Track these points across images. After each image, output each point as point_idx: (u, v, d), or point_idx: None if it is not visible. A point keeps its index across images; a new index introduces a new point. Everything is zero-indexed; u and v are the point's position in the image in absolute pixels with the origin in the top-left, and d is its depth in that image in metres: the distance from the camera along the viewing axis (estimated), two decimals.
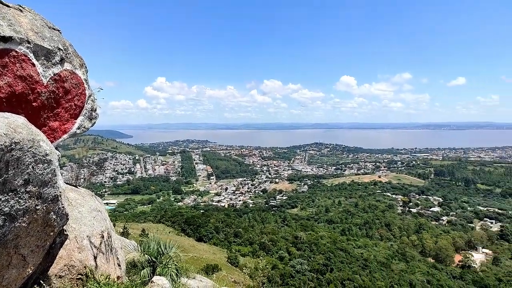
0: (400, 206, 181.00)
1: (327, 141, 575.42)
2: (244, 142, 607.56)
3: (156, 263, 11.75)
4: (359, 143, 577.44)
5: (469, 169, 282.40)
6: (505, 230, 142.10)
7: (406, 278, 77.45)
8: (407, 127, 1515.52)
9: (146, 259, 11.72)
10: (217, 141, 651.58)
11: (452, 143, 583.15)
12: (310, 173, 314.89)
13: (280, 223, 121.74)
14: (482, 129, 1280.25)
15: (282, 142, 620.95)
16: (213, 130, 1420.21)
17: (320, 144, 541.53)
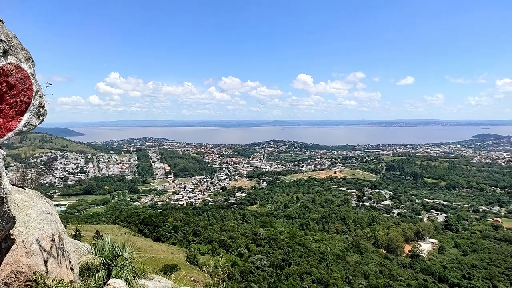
0: (354, 200, 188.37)
1: (285, 138, 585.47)
2: (203, 140, 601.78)
3: (111, 266, 11.35)
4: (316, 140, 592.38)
5: (417, 163, 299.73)
6: (449, 221, 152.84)
7: (361, 269, 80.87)
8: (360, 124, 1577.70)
9: (101, 262, 11.30)
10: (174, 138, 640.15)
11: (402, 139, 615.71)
12: (269, 170, 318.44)
13: (239, 220, 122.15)
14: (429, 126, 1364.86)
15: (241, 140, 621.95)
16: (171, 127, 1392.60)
17: (279, 141, 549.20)
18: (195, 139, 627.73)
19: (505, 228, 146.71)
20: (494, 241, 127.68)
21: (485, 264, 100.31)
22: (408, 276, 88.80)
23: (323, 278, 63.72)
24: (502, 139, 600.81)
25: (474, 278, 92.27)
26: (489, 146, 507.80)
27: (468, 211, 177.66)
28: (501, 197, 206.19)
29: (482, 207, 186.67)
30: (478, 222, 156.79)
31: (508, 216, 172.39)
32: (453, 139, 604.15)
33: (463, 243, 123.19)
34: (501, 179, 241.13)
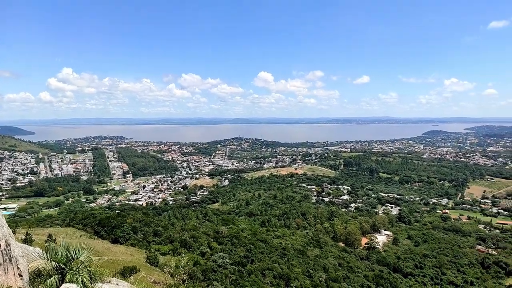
0: (314, 196, 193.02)
1: (247, 135, 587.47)
2: (163, 138, 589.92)
3: (65, 270, 10.86)
4: (277, 138, 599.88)
5: (373, 159, 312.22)
6: (403, 213, 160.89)
7: (320, 263, 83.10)
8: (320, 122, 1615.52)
9: (54, 267, 10.78)
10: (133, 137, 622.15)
11: (359, 136, 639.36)
12: (231, 168, 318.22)
13: (201, 219, 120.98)
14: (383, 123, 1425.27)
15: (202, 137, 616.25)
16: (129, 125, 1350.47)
17: (240, 139, 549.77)
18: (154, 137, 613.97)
19: (452, 219, 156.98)
20: (443, 232, 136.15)
21: (435, 254, 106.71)
22: (365, 267, 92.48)
23: (285, 273, 64.78)
24: (450, 135, 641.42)
25: (425, 267, 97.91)
26: (438, 142, 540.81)
27: (420, 204, 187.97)
28: (449, 190, 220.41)
29: (432, 199, 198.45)
30: (428, 214, 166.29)
31: (455, 208, 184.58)
32: (406, 136, 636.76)
33: (415, 234, 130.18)
34: (449, 173, 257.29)
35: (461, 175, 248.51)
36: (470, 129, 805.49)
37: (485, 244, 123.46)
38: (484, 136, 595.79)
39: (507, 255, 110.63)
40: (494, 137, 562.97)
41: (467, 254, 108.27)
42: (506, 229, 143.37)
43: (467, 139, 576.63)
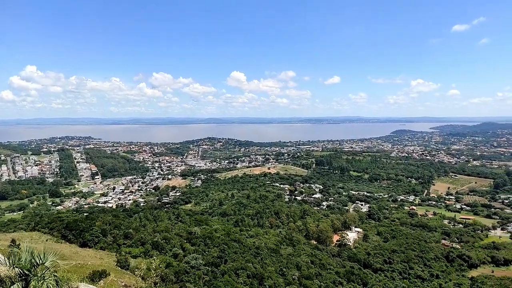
0: (287, 195, 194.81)
1: (220, 135, 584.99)
2: (133, 138, 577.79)
3: (29, 276, 10.43)
4: (250, 137, 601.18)
5: (344, 158, 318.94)
6: (372, 210, 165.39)
7: (293, 261, 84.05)
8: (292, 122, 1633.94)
9: (17, 273, 10.32)
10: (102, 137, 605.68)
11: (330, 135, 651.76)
12: (203, 168, 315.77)
13: (174, 220, 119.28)
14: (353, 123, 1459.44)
15: (174, 137, 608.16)
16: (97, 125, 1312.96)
17: (213, 139, 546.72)
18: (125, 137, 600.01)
19: (419, 215, 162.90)
20: (410, 227, 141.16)
21: (403, 249, 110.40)
22: (336, 264, 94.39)
23: (258, 272, 65.05)
24: (416, 134, 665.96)
25: (394, 262, 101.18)
26: (405, 141, 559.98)
27: (388, 201, 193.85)
28: (415, 187, 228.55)
29: (400, 196, 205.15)
30: (396, 211, 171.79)
31: (421, 204, 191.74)
32: (375, 135, 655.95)
33: (384, 231, 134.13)
34: (415, 171, 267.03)
35: (427, 173, 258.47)
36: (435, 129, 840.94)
37: (449, 239, 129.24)
38: (448, 135, 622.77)
39: (470, 249, 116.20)
40: (457, 136, 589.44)
41: (433, 249, 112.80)
42: (469, 224, 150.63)
43: (432, 138, 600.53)
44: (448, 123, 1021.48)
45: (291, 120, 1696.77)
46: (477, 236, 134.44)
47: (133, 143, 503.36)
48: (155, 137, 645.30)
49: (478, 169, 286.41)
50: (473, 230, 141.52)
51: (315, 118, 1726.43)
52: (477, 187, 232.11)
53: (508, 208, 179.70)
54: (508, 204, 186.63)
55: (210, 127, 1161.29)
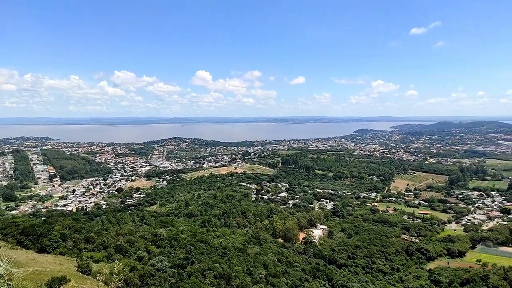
0: (254, 194, 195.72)
1: (185, 135, 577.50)
2: (95, 139, 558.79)
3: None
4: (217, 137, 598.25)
5: (309, 157, 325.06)
6: (336, 208, 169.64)
7: (260, 260, 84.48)
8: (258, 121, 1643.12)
9: None
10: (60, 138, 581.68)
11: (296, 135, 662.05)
12: (169, 168, 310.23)
13: (138, 222, 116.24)
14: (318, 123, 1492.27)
15: (138, 137, 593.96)
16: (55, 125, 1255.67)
17: (179, 139, 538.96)
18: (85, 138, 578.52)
19: (380, 211, 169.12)
20: (372, 223, 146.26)
21: (366, 244, 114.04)
22: (302, 261, 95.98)
23: (226, 273, 64.79)
24: (377, 133, 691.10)
25: (357, 257, 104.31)
26: (367, 140, 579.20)
27: (352, 198, 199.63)
28: (377, 184, 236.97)
29: (363, 194, 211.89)
30: (359, 207, 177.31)
31: (383, 201, 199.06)
32: (338, 134, 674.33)
33: (348, 227, 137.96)
34: (377, 169, 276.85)
35: (387, 170, 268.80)
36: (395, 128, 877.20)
37: (409, 233, 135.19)
38: (407, 134, 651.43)
39: (428, 242, 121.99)
40: (415, 135, 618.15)
41: (394, 243, 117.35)
42: (426, 218, 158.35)
43: (392, 137, 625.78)
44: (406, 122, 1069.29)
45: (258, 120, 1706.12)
46: (434, 230, 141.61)
47: (94, 143, 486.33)
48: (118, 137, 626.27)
49: (434, 166, 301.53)
50: (430, 225, 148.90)
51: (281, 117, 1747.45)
52: (434, 183, 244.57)
53: (462, 202, 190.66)
54: (462, 199, 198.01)
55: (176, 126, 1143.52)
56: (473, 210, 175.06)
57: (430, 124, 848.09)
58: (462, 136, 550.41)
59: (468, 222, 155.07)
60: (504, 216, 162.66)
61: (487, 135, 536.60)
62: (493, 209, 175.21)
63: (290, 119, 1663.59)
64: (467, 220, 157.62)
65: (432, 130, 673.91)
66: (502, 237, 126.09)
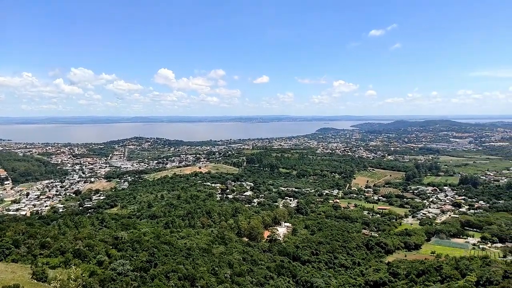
0: (219, 194, 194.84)
1: (147, 135, 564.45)
2: (50, 139, 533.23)
3: None
4: (180, 136, 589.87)
5: (273, 156, 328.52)
6: (300, 205, 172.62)
7: (226, 259, 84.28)
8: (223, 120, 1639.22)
9: None
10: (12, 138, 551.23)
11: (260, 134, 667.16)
12: (130, 169, 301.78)
13: (97, 225, 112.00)
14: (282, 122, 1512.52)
15: (97, 137, 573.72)
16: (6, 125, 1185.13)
17: (141, 138, 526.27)
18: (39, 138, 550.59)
19: (342, 208, 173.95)
20: (334, 219, 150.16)
21: (329, 240, 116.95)
22: (267, 259, 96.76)
23: (190, 274, 64.03)
24: (339, 132, 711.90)
25: (321, 253, 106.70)
26: (329, 138, 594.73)
27: (315, 195, 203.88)
28: (339, 181, 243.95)
29: (325, 191, 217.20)
30: (322, 204, 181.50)
31: (344, 197, 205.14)
32: (302, 133, 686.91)
33: (311, 224, 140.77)
34: (338, 166, 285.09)
35: (348, 168, 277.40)
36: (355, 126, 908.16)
37: (369, 228, 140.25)
38: (366, 132, 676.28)
39: (386, 236, 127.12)
40: (374, 133, 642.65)
41: (355, 238, 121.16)
42: (385, 214, 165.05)
43: (353, 135, 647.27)
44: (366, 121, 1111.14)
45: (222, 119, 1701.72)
46: (392, 224, 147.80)
47: (50, 144, 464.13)
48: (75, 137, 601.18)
49: (392, 163, 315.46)
50: (388, 219, 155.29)
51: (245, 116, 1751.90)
52: (392, 180, 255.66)
53: (417, 197, 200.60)
54: (418, 194, 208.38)
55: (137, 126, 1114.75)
56: (427, 205, 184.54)
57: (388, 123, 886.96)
58: (417, 134, 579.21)
59: (423, 216, 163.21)
60: (456, 210, 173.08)
61: (440, 133, 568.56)
62: (446, 203, 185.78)
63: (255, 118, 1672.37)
64: (423, 214, 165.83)
65: (390, 129, 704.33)
66: (454, 229, 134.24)
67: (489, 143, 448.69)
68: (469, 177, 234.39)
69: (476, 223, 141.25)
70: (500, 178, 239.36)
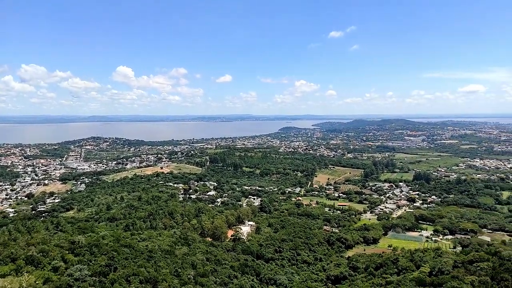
0: (181, 194, 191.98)
1: (106, 134, 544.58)
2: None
3: None
4: (141, 136, 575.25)
5: (237, 155, 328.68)
6: (264, 204, 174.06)
7: (189, 260, 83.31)
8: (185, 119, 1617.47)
9: None
10: None
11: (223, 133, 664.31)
12: (87, 170, 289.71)
13: (52, 230, 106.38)
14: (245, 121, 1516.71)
15: (51, 138, 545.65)
16: None
17: (98, 138, 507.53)
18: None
19: (304, 205, 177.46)
20: (297, 217, 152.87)
21: (291, 237, 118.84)
22: (231, 258, 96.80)
23: (152, 276, 62.71)
24: (301, 131, 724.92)
25: (284, 250, 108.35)
26: (292, 137, 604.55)
27: (278, 194, 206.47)
28: (301, 179, 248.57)
29: (288, 189, 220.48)
30: (285, 202, 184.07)
31: (306, 195, 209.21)
32: (265, 132, 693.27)
33: (275, 222, 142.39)
34: (301, 164, 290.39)
35: (310, 166, 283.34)
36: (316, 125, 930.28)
37: (330, 224, 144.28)
38: (327, 131, 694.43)
39: (346, 232, 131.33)
40: (335, 132, 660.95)
41: (317, 235, 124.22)
42: (345, 210, 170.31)
43: (314, 134, 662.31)
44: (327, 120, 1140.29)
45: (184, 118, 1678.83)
46: (352, 220, 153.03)
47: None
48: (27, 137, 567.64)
49: (351, 161, 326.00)
50: (348, 215, 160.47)
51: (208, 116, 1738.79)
52: (351, 177, 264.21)
53: (375, 193, 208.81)
54: (375, 190, 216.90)
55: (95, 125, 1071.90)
56: (384, 200, 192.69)
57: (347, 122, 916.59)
58: (374, 133, 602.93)
59: (380, 211, 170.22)
60: (410, 204, 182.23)
61: (395, 132, 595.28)
62: (402, 199, 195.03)
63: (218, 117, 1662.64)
64: (380, 210, 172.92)
65: (349, 128, 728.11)
66: (409, 223, 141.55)
67: (440, 141, 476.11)
68: (422, 173, 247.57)
69: (429, 217, 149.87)
70: (450, 174, 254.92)
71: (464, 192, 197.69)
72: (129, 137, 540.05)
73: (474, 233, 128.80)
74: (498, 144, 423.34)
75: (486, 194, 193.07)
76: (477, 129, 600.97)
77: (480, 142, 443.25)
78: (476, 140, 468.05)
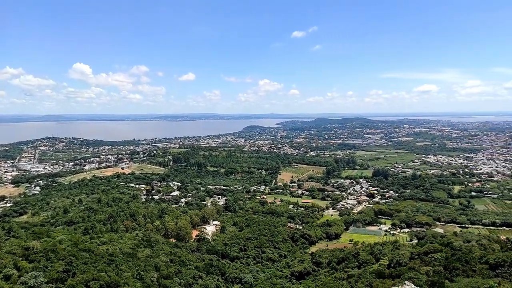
0: (144, 195, 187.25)
1: (62, 134, 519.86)
2: None
3: None
4: (100, 136, 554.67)
5: (201, 154, 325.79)
6: (228, 203, 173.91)
7: (152, 263, 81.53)
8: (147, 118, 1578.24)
9: None
10: None
11: (187, 132, 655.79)
12: (42, 172, 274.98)
13: (4, 236, 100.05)
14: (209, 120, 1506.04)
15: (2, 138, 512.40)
16: None
17: (54, 139, 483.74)
18: None
19: (269, 203, 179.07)
20: (262, 215, 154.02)
21: (256, 235, 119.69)
22: (196, 259, 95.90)
23: (113, 280, 60.73)
24: (265, 130, 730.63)
25: (249, 248, 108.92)
26: (256, 136, 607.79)
27: (243, 192, 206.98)
28: (265, 178, 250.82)
29: (253, 187, 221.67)
30: (250, 201, 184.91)
31: (271, 193, 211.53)
32: (229, 131, 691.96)
33: (240, 221, 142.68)
34: (265, 163, 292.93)
35: (274, 164, 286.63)
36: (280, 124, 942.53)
37: (294, 221, 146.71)
38: (291, 130, 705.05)
39: (310, 228, 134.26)
40: (298, 130, 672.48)
41: (281, 232, 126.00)
42: (308, 207, 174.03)
43: (278, 132, 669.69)
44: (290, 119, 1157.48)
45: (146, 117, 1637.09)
46: (315, 216, 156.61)
47: None
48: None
49: (314, 158, 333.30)
50: (312, 212, 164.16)
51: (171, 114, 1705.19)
52: (314, 174, 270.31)
53: (337, 190, 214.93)
54: (337, 187, 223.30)
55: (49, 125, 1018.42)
56: (346, 196, 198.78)
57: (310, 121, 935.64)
58: (336, 131, 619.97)
59: (342, 207, 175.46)
60: (370, 200, 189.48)
61: (356, 130, 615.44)
62: (362, 194, 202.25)
63: (181, 116, 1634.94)
64: (342, 206, 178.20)
65: (312, 126, 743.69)
66: (368, 218, 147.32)
67: (397, 139, 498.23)
68: (381, 170, 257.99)
69: (387, 212, 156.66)
70: (407, 170, 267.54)
71: (419, 187, 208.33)
72: (87, 137, 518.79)
73: (429, 226, 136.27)
74: (450, 141, 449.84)
75: (439, 188, 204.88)
76: (430, 127, 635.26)
77: (434, 139, 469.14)
78: (430, 137, 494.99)
